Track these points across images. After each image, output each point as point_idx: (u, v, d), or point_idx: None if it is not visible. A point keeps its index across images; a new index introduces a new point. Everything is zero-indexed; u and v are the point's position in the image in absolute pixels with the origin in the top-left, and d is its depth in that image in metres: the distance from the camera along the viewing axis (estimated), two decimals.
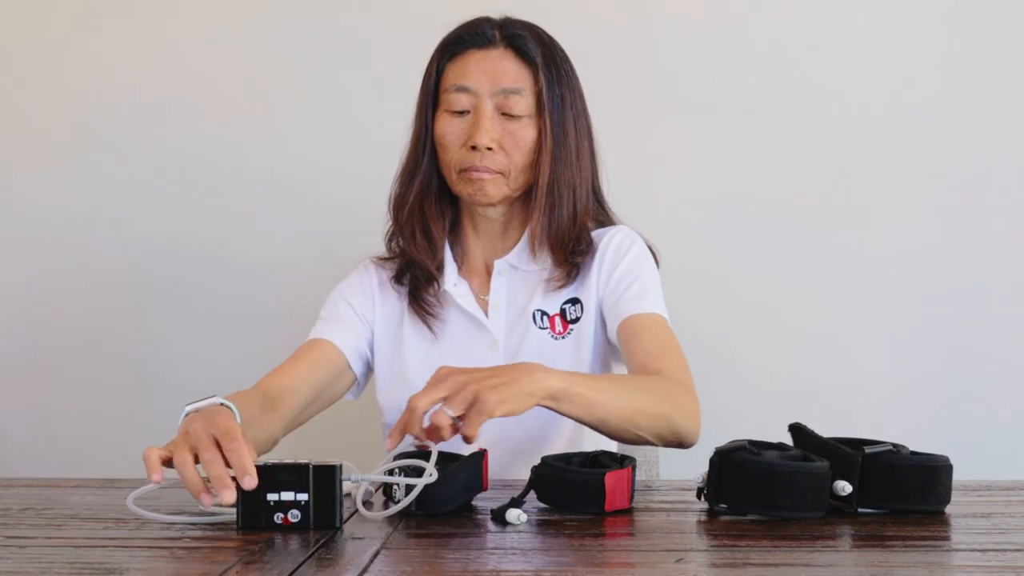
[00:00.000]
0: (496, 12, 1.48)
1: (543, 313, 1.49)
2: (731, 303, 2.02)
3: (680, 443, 1.30)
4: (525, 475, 1.13)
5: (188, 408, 1.14)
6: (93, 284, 2.11)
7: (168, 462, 1.06)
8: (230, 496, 1.00)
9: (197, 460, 1.04)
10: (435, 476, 1.05)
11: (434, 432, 1.10)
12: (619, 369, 1.53)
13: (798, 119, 2.02)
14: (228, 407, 1.15)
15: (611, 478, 1.08)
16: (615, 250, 1.49)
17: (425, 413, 1.11)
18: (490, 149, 1.42)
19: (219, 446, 1.03)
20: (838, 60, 2.01)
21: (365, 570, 0.87)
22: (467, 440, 1.11)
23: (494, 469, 1.24)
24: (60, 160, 2.11)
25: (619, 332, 1.43)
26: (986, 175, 2.01)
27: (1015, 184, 2.01)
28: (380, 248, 1.58)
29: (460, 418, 1.11)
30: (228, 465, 1.02)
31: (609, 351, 1.51)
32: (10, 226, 2.12)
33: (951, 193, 2.01)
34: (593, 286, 1.49)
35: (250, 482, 1.00)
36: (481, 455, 1.14)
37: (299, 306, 2.04)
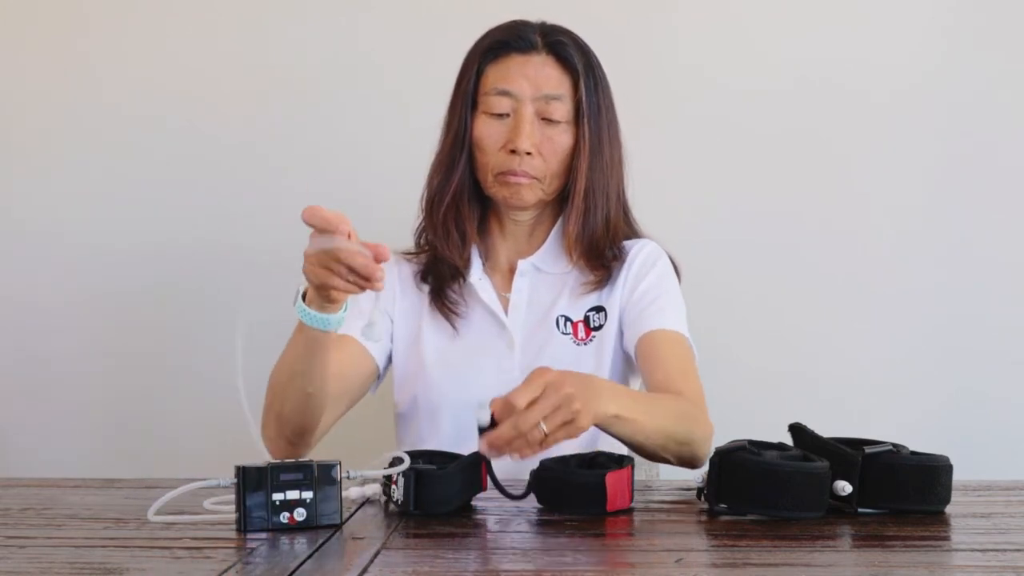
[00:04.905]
0: (496, 12, 1.48)
1: (567, 319, 1.49)
2: (731, 303, 2.02)
3: (692, 465, 1.32)
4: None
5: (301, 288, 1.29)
6: (92, 285, 2.10)
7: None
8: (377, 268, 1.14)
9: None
10: (407, 461, 1.06)
11: (519, 444, 1.05)
12: (634, 380, 1.53)
13: (797, 119, 2.02)
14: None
15: (612, 478, 1.08)
16: (642, 263, 1.50)
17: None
18: (529, 154, 1.42)
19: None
20: (838, 60, 2.01)
21: (365, 570, 0.87)
22: (523, 457, 1.08)
23: (504, 476, 1.23)
24: (61, 161, 2.11)
25: (638, 345, 1.44)
26: (986, 175, 2.00)
27: (1015, 184, 2.01)
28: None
29: None
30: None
31: (625, 362, 1.50)
32: (10, 227, 2.12)
33: (951, 192, 2.01)
34: (618, 296, 1.49)
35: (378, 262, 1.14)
36: (480, 455, 1.13)
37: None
